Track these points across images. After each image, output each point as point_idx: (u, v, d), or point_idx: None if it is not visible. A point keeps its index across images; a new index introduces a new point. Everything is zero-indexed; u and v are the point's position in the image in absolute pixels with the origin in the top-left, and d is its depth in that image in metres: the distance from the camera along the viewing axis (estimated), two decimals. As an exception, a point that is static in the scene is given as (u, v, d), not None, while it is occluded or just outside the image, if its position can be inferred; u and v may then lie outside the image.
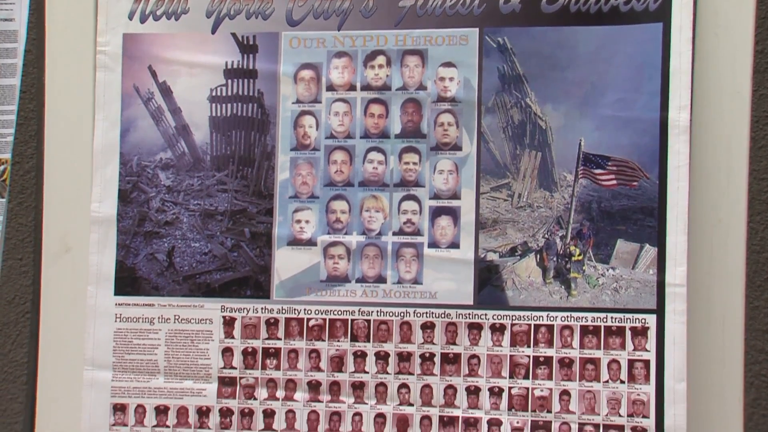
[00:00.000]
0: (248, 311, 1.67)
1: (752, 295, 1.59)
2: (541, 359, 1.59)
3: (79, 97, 1.73)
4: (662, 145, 1.56)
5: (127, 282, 1.69)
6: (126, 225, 1.70)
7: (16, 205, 1.80)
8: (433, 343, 1.63)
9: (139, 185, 1.70)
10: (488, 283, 1.61)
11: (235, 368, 1.66)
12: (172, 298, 1.68)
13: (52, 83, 1.75)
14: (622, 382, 1.56)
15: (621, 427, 1.56)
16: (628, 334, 1.57)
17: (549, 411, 1.58)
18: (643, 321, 1.56)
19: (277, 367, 1.66)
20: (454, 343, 1.62)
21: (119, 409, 1.69)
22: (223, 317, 1.67)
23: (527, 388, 1.59)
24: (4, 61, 1.80)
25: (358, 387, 1.63)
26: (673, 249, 1.55)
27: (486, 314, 1.61)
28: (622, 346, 1.57)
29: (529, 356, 1.59)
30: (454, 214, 1.62)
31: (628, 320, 1.57)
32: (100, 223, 1.70)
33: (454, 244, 1.62)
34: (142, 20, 1.70)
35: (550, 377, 1.58)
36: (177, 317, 1.68)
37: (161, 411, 1.68)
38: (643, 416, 1.55)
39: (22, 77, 1.78)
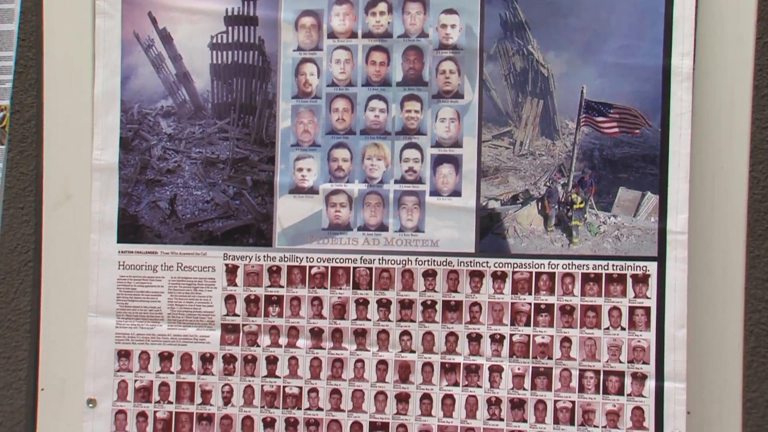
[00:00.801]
0: (250, 259, 1.67)
1: (753, 244, 1.59)
2: (542, 307, 1.60)
3: (78, 44, 1.72)
4: (665, 93, 1.55)
5: (130, 230, 1.69)
6: (128, 173, 1.70)
7: (16, 154, 1.80)
8: (435, 291, 1.63)
9: (141, 133, 1.70)
10: (490, 231, 1.61)
11: (237, 315, 1.67)
12: (174, 246, 1.68)
13: (50, 30, 1.74)
14: (623, 329, 1.57)
15: (621, 374, 1.57)
16: (629, 281, 1.57)
17: (550, 358, 1.59)
18: (644, 268, 1.56)
19: (280, 315, 1.66)
20: (455, 291, 1.63)
21: (123, 355, 1.70)
22: (226, 265, 1.67)
23: (528, 335, 1.60)
24: (0, 6, 1.78)
25: (360, 334, 1.64)
26: (674, 197, 1.55)
27: (487, 262, 1.61)
28: (623, 294, 1.58)
29: (530, 304, 1.60)
30: (455, 162, 1.62)
31: (629, 268, 1.57)
32: (101, 170, 1.69)
33: (456, 192, 1.61)
34: (142, -34, 1.68)
35: (551, 324, 1.59)
36: (180, 265, 1.68)
37: (165, 357, 1.70)
38: (644, 362, 1.56)
39: (20, 24, 1.76)
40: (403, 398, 1.64)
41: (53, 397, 1.73)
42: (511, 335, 1.61)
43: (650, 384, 1.57)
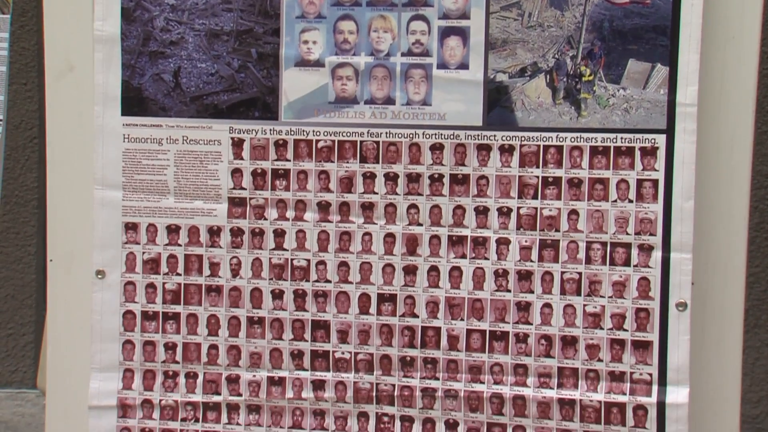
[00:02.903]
0: (256, 132, 1.65)
1: (761, 120, 1.56)
2: (550, 180, 1.60)
3: None
4: (678, -40, 1.50)
5: (134, 102, 1.67)
6: (130, 44, 1.66)
7: (17, 28, 1.75)
8: (442, 165, 1.64)
9: (143, 3, 1.66)
10: (497, 104, 1.60)
11: (244, 189, 1.66)
12: (179, 119, 1.67)
13: None
14: (630, 201, 1.57)
15: (628, 245, 1.57)
16: (638, 154, 1.57)
17: (557, 230, 1.59)
18: (652, 141, 1.55)
19: (287, 188, 1.66)
20: (463, 164, 1.63)
21: (131, 227, 1.70)
22: (232, 138, 1.65)
23: (536, 208, 1.60)
24: None
25: (367, 207, 1.63)
26: (684, 68, 1.53)
27: (495, 135, 1.60)
28: (631, 166, 1.57)
29: (537, 177, 1.59)
30: (463, 34, 1.59)
31: (638, 140, 1.56)
32: (103, 42, 1.67)
33: (464, 65, 1.59)
34: None
35: (558, 197, 1.59)
36: (185, 138, 1.66)
37: (172, 230, 1.71)
38: (650, 234, 1.56)
39: None
40: (410, 270, 1.64)
41: (62, 269, 1.74)
42: (519, 208, 1.61)
43: (657, 255, 1.57)
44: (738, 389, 1.59)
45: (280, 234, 1.69)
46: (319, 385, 1.69)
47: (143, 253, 1.73)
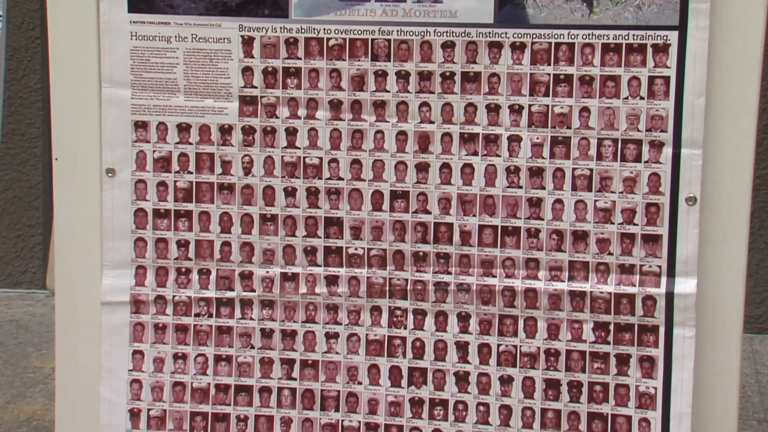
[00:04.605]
0: (266, 30, 1.65)
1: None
2: (561, 77, 1.62)
3: None
4: None
5: (141, -1, 1.64)
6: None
7: None
8: (454, 62, 1.66)
9: None
10: (509, 1, 1.65)
11: (255, 87, 1.67)
12: (188, 17, 1.67)
13: None
14: (642, 98, 1.59)
15: (639, 142, 1.60)
16: (650, 51, 1.59)
17: (569, 127, 1.61)
18: (664, 38, 1.56)
19: (298, 87, 1.68)
20: (474, 62, 1.65)
21: (140, 126, 1.71)
22: (242, 36, 1.65)
23: (547, 105, 1.62)
24: None
25: (379, 105, 1.64)
26: None
27: (506, 33, 1.61)
28: (643, 63, 1.59)
29: (549, 74, 1.61)
30: (476, -71, 1.56)
31: (650, 37, 1.57)
32: (108, -65, 1.63)
33: (476, -39, 1.57)
34: None
35: (570, 95, 1.61)
36: (194, 36, 1.66)
37: (183, 128, 1.72)
38: (661, 131, 1.60)
39: None
40: (422, 168, 1.66)
41: (67, 168, 1.73)
42: (530, 105, 1.63)
43: (667, 151, 1.59)
44: (742, 287, 1.61)
45: (292, 132, 1.69)
46: (332, 281, 1.71)
47: (154, 151, 1.73)
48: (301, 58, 1.67)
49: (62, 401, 1.83)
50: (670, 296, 1.62)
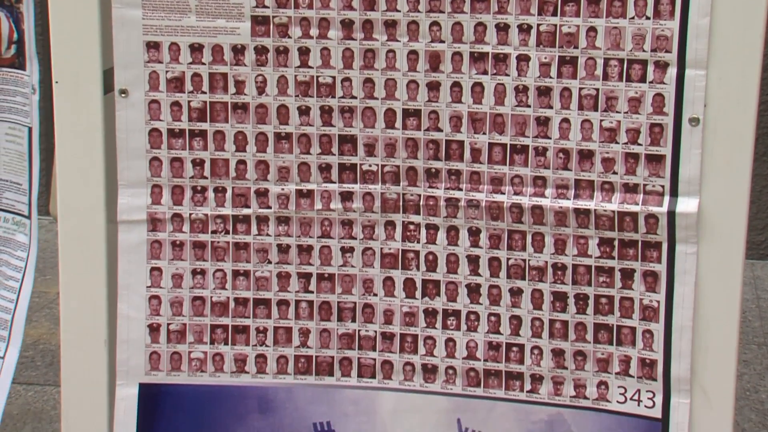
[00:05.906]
0: (277, -51, 1.66)
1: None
2: None
3: None
4: None
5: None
6: None
7: None
8: None
9: None
10: None
11: (267, 7, 1.73)
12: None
13: None
14: (648, 18, 1.61)
15: (644, 62, 1.64)
16: None
17: (576, 47, 1.64)
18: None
19: (310, 6, 1.75)
20: None
21: (153, 46, 1.73)
22: (253, -45, 1.66)
23: (555, 25, 1.65)
24: None
25: (390, 25, 1.70)
26: None
27: (516, -48, 1.63)
28: None
29: (557, -7, 1.62)
30: None
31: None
32: None
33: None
34: None
35: (577, 14, 1.66)
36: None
37: (195, 49, 1.76)
38: (666, 51, 1.63)
39: None
40: (433, 86, 1.70)
41: (68, 90, 1.77)
42: (538, 25, 1.66)
43: (672, 72, 1.64)
44: (745, 210, 1.65)
45: (304, 52, 1.72)
46: (347, 197, 1.76)
47: (166, 71, 1.76)
48: (312, -23, 1.71)
49: (67, 325, 1.86)
50: (671, 215, 1.68)
